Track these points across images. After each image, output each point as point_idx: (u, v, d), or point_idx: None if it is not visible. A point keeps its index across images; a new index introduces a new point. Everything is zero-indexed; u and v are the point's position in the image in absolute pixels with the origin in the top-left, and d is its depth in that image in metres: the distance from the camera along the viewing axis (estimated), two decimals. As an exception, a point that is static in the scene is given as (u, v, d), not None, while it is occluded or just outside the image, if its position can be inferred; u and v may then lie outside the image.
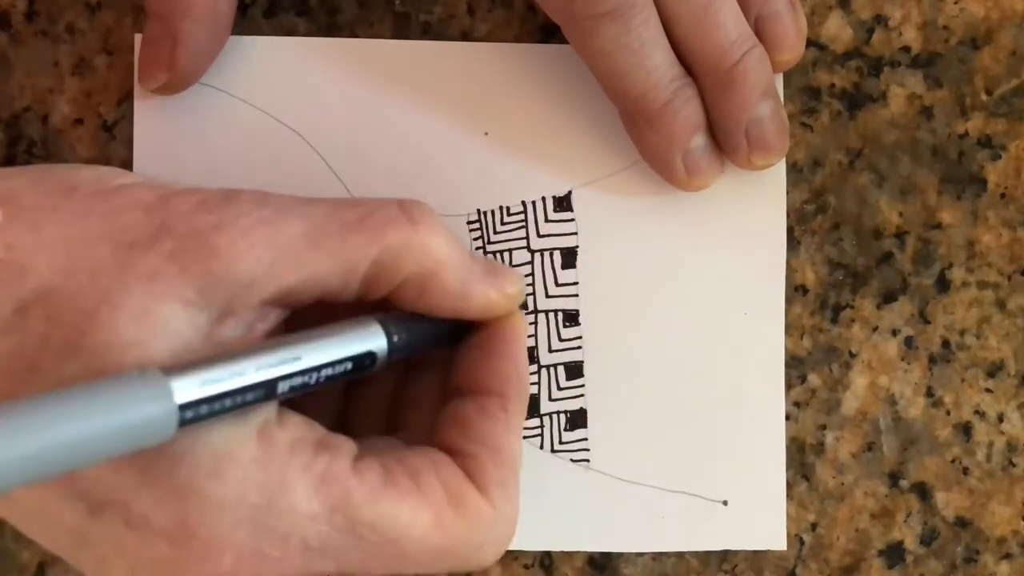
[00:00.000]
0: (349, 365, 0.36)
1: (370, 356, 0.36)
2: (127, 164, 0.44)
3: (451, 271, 0.37)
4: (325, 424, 0.36)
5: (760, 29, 0.41)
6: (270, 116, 0.44)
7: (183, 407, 0.31)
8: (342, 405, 0.41)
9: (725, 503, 0.44)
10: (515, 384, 0.38)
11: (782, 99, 0.44)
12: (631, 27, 0.40)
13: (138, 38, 0.43)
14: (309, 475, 0.34)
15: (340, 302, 0.37)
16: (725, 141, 0.42)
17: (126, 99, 0.44)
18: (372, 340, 0.36)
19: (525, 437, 0.44)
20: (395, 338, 0.37)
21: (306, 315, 0.37)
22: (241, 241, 0.34)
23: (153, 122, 0.43)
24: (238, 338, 0.34)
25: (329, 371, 0.35)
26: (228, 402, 0.32)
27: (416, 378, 0.41)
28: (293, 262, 0.35)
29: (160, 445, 0.31)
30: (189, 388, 0.31)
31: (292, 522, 0.34)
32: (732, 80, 0.41)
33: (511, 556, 0.44)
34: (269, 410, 0.34)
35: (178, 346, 0.33)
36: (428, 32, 0.44)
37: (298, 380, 0.34)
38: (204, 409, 0.32)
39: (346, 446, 0.35)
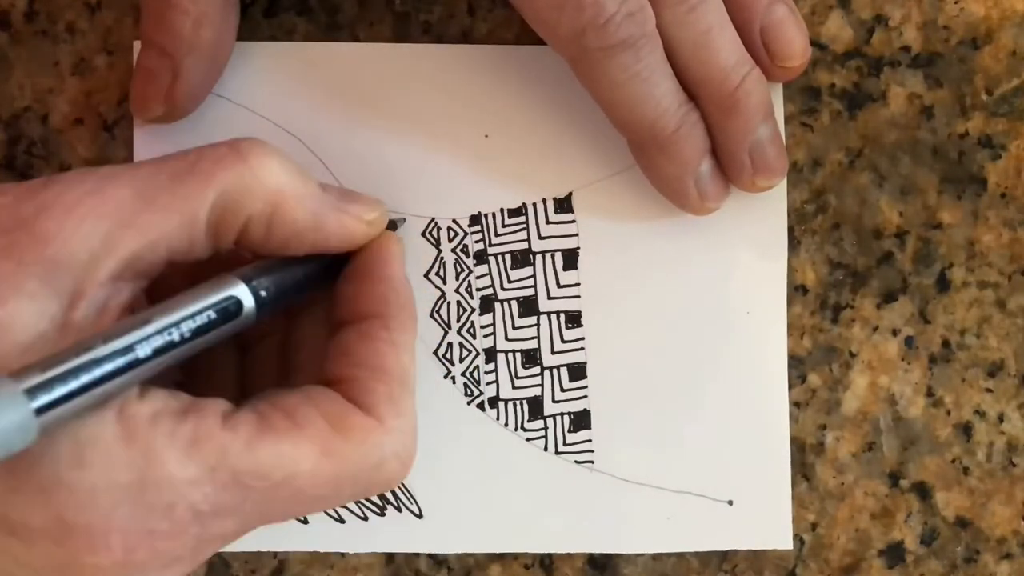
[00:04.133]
0: (212, 314, 0.35)
1: (232, 300, 0.35)
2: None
3: (297, 202, 0.36)
4: (226, 396, 0.36)
5: (767, 38, 0.42)
6: (270, 121, 0.44)
7: (41, 406, 0.31)
8: (239, 374, 0.41)
9: (730, 503, 0.44)
10: (393, 302, 0.38)
11: (782, 100, 0.44)
12: (641, 56, 0.40)
13: (137, 44, 0.43)
14: (176, 440, 0.33)
15: (193, 260, 0.36)
16: (729, 164, 0.42)
17: (126, 99, 0.44)
18: (230, 288, 0.36)
19: (530, 439, 0.44)
20: (256, 284, 0.36)
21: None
22: (69, 219, 0.33)
23: (153, 125, 0.43)
24: (93, 319, 0.34)
25: (190, 324, 0.34)
26: (87, 380, 0.32)
27: (301, 323, 0.40)
28: (130, 227, 0.34)
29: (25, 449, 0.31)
30: (41, 382, 0.31)
31: (173, 491, 0.33)
32: (735, 103, 0.41)
33: (511, 556, 0.44)
34: (130, 390, 0.34)
35: (30, 341, 0.32)
36: (428, 32, 0.44)
37: (159, 340, 0.33)
38: (61, 395, 0.31)
39: (213, 406, 0.35)
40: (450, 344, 0.44)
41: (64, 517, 0.32)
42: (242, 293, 0.36)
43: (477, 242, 0.44)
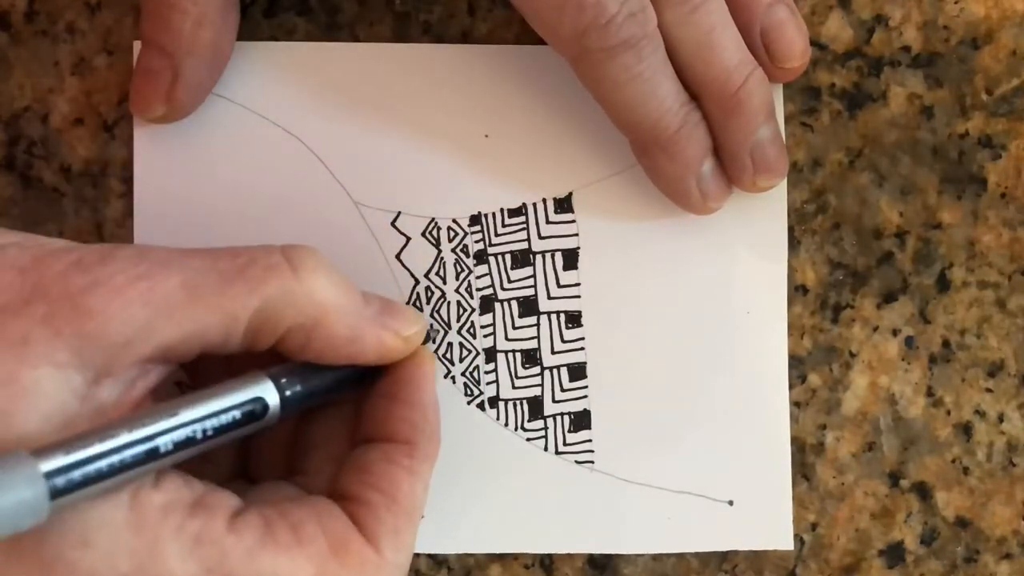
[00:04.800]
0: (237, 414, 0.35)
1: (259, 402, 0.36)
2: (127, 164, 0.44)
3: (338, 317, 0.37)
4: (223, 472, 0.36)
5: (768, 39, 0.42)
6: (270, 121, 0.44)
7: (56, 488, 0.31)
8: (241, 452, 0.41)
9: (731, 503, 0.44)
10: (422, 431, 0.38)
11: (782, 100, 0.44)
12: (642, 56, 0.40)
13: (137, 44, 0.43)
14: (182, 537, 0.34)
15: (227, 354, 0.36)
16: (731, 164, 0.42)
17: (126, 99, 0.44)
18: (259, 389, 0.36)
19: (530, 439, 0.44)
20: (284, 384, 0.36)
21: (209, 377, 0.36)
22: (115, 300, 0.34)
23: (153, 125, 0.43)
24: (117, 397, 0.34)
25: (214, 422, 0.35)
26: (105, 466, 0.32)
27: (318, 421, 0.40)
28: (171, 318, 0.34)
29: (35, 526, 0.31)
30: (60, 465, 0.31)
31: None
32: (738, 103, 0.41)
33: (511, 556, 0.44)
34: (147, 475, 0.34)
35: (51, 410, 0.33)
36: (428, 32, 0.44)
37: (181, 434, 0.34)
38: (77, 480, 0.32)
39: (225, 503, 0.35)
40: (450, 344, 0.44)
41: None
42: (269, 395, 0.36)
43: (477, 242, 0.44)
